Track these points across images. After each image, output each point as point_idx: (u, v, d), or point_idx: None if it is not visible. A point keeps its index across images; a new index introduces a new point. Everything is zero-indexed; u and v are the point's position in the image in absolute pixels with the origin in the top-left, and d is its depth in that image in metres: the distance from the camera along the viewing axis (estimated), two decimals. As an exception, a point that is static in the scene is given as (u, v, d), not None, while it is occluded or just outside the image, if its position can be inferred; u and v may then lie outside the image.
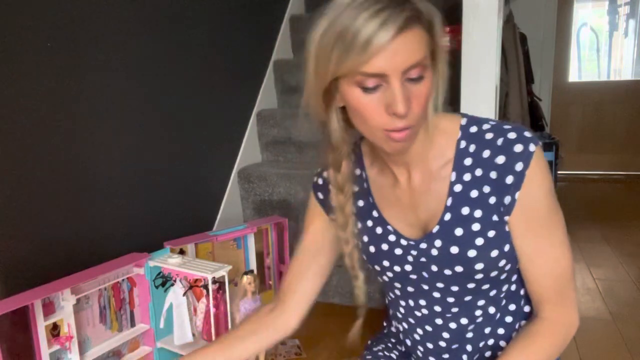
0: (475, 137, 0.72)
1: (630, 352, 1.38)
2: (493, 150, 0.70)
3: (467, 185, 0.72)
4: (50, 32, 1.16)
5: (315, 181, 0.89)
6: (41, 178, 1.16)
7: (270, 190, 1.91)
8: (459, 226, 0.72)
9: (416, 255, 0.77)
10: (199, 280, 1.25)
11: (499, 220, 0.71)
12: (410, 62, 0.60)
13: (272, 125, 2.08)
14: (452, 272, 0.74)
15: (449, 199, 0.73)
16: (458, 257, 0.72)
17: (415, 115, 0.63)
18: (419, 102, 0.63)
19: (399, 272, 0.80)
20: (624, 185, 3.67)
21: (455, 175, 0.72)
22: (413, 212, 0.77)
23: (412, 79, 0.61)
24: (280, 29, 2.34)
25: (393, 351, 0.95)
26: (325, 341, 1.45)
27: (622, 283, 1.87)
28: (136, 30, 1.42)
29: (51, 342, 1.07)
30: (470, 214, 0.72)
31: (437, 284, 0.77)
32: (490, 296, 0.77)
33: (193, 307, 1.31)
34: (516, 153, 0.68)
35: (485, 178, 0.70)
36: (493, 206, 0.71)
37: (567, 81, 3.93)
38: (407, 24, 0.58)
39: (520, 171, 0.68)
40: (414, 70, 0.60)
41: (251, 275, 1.25)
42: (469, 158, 0.72)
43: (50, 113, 1.17)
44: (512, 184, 0.68)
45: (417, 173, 0.75)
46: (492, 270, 0.73)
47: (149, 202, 1.50)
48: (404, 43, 0.59)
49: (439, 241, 0.74)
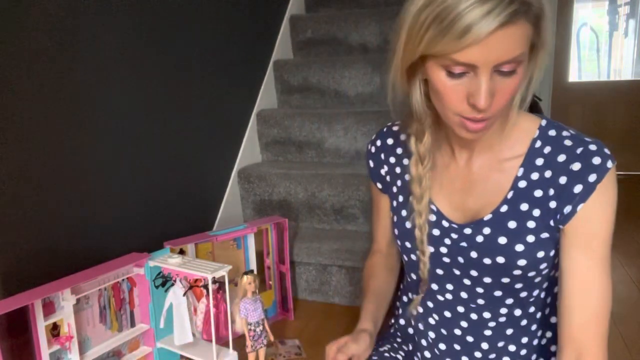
0: (553, 140, 0.71)
1: (630, 352, 1.38)
2: (570, 157, 0.68)
3: (532, 183, 0.71)
4: (50, 32, 1.16)
5: (369, 149, 0.90)
6: (41, 178, 1.16)
7: (270, 190, 1.91)
8: (513, 219, 0.71)
9: (456, 239, 0.76)
10: (199, 280, 1.25)
11: (554, 226, 0.70)
12: (505, 58, 0.57)
13: (272, 125, 2.08)
14: (491, 262, 0.72)
15: (511, 192, 0.72)
16: (504, 248, 0.71)
17: (496, 108, 0.62)
18: (504, 95, 0.61)
19: (432, 252, 0.78)
20: (624, 185, 3.66)
21: (522, 171, 0.72)
22: (462, 196, 0.76)
23: (503, 72, 0.59)
24: (280, 29, 2.34)
25: (399, 351, 0.94)
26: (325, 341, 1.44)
27: (622, 283, 1.87)
28: (136, 29, 1.42)
29: (51, 342, 1.07)
30: (528, 210, 0.71)
31: (470, 272, 0.75)
32: (520, 297, 0.75)
33: (193, 307, 1.31)
34: (593, 164, 0.67)
35: (552, 181, 0.69)
36: (552, 210, 0.69)
37: (567, 81, 3.93)
38: (512, 18, 0.55)
39: (592, 183, 0.66)
40: (507, 65, 0.58)
41: (251, 275, 1.25)
42: (541, 159, 0.71)
43: (50, 113, 1.17)
44: (579, 193, 0.67)
45: (480, 160, 0.75)
46: (532, 270, 0.71)
47: (149, 202, 1.50)
48: (504, 37, 0.55)
49: (488, 229, 0.73)
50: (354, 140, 1.96)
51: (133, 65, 1.42)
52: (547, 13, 0.59)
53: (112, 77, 1.34)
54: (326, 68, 2.17)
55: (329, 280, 1.71)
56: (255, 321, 1.24)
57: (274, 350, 1.38)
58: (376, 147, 0.88)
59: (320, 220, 1.87)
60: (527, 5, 0.56)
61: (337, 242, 1.69)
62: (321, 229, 1.86)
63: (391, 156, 0.87)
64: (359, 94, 2.14)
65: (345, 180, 1.78)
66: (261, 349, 1.26)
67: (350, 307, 1.66)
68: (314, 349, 1.40)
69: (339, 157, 2.01)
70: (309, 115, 2.02)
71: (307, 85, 2.23)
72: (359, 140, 1.95)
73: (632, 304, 1.69)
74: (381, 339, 1.00)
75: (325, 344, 0.85)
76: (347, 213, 1.81)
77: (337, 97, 2.19)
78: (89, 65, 1.27)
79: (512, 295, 0.75)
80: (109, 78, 1.33)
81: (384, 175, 0.88)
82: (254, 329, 1.24)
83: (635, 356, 1.36)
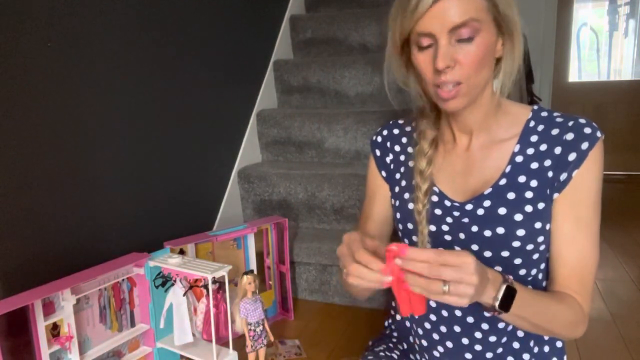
0: (546, 119, 0.78)
1: (630, 352, 1.38)
2: (563, 129, 0.75)
3: (529, 157, 0.77)
4: (51, 32, 1.16)
5: (375, 139, 0.95)
6: (41, 178, 1.16)
7: (270, 190, 1.91)
8: (512, 190, 0.76)
9: (458, 216, 0.79)
10: (199, 280, 1.25)
11: (550, 196, 0.75)
12: (455, 21, 0.66)
13: (272, 125, 2.08)
14: (492, 234, 0.76)
15: (508, 166, 0.77)
16: (504, 218, 0.75)
17: (462, 72, 0.69)
18: (468, 60, 0.68)
19: (434, 231, 0.82)
20: (624, 185, 3.67)
21: (519, 147, 0.78)
22: (463, 177, 0.81)
23: (462, 39, 0.67)
24: (280, 29, 2.34)
25: (394, 351, 0.95)
26: (325, 341, 1.45)
27: (622, 283, 1.86)
28: (136, 30, 1.42)
29: (51, 342, 1.07)
30: (526, 182, 0.76)
31: (471, 247, 0.78)
32: (519, 275, 0.78)
33: (193, 307, 1.31)
34: (585, 133, 0.73)
35: (548, 152, 0.75)
36: (549, 180, 0.75)
37: (567, 81, 3.93)
38: None
39: (584, 150, 0.72)
40: (463, 30, 0.66)
41: (251, 275, 1.25)
42: (535, 135, 0.77)
43: (49, 113, 1.17)
44: (573, 160, 0.73)
45: (479, 140, 0.80)
46: (530, 242, 0.75)
47: (149, 202, 1.50)
48: (452, 4, 0.65)
49: (488, 202, 0.77)
50: (354, 140, 1.96)
51: (132, 65, 1.42)
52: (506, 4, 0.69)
53: (111, 77, 1.34)
54: (326, 68, 2.17)
55: (329, 280, 1.71)
56: (255, 321, 1.24)
57: (274, 350, 1.38)
58: (382, 137, 0.93)
59: (320, 220, 1.87)
60: None
61: (337, 242, 1.67)
62: (321, 229, 1.86)
63: (396, 144, 0.91)
64: (359, 94, 2.14)
65: (345, 180, 1.78)
66: (261, 349, 1.26)
67: (350, 307, 1.66)
68: (314, 349, 1.40)
69: (339, 157, 2.01)
70: (309, 115, 2.02)
71: (307, 85, 2.23)
72: (359, 140, 1.95)
73: (632, 304, 1.69)
74: (376, 339, 1.01)
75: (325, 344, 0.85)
76: (347, 213, 1.81)
77: (337, 97, 2.19)
78: (88, 65, 1.27)
79: (512, 273, 0.78)
80: (109, 78, 1.33)
81: (389, 163, 0.92)
82: (254, 329, 1.24)
83: (635, 356, 1.36)
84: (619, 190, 3.49)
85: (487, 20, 0.68)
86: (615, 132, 3.88)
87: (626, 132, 3.86)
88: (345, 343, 1.43)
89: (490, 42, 0.69)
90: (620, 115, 3.86)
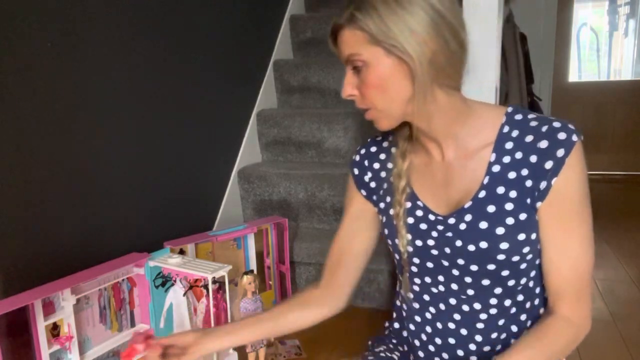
0: (520, 123, 0.75)
1: (630, 352, 1.38)
2: (536, 136, 0.72)
3: (505, 166, 0.74)
4: (51, 32, 1.16)
5: (353, 158, 0.93)
6: (41, 178, 1.16)
7: (270, 190, 1.91)
8: (492, 203, 0.74)
9: (442, 230, 0.78)
10: (199, 280, 1.25)
11: (531, 205, 0.73)
12: (344, 54, 0.71)
13: (272, 125, 2.08)
14: (475, 248, 0.75)
15: (486, 177, 0.75)
16: (485, 232, 0.74)
17: (364, 100, 0.72)
18: (363, 90, 0.71)
19: (420, 246, 0.81)
20: (624, 185, 3.67)
21: (495, 156, 0.75)
22: (445, 189, 0.79)
23: (355, 67, 0.71)
24: (280, 29, 2.34)
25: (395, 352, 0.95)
26: (325, 341, 1.45)
27: (622, 283, 1.87)
28: (136, 30, 1.42)
29: (51, 342, 1.07)
30: (505, 193, 0.74)
31: (457, 261, 0.77)
32: (508, 286, 0.77)
33: (193, 307, 1.31)
34: (560, 140, 0.70)
35: (524, 161, 0.73)
36: (528, 189, 0.72)
37: (567, 81, 3.93)
38: (337, 28, 0.71)
39: (560, 157, 0.70)
40: (354, 61, 0.70)
41: (251, 275, 1.25)
42: (511, 142, 0.75)
43: (49, 113, 1.17)
44: (550, 169, 0.70)
45: (450, 150, 0.78)
46: (515, 254, 0.74)
47: (149, 202, 1.50)
48: (341, 39, 0.71)
49: (470, 216, 0.75)
50: (354, 140, 1.96)
51: (132, 66, 1.42)
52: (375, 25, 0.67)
53: (112, 78, 1.34)
54: (326, 68, 2.17)
55: (329, 280, 1.71)
56: (255, 321, 1.24)
57: (274, 350, 1.38)
58: (360, 155, 0.92)
59: (320, 220, 1.87)
60: (352, 16, 0.68)
61: (337, 242, 1.68)
62: (321, 229, 1.86)
63: (375, 162, 0.90)
64: (359, 94, 2.14)
65: (345, 180, 1.78)
66: (261, 349, 1.26)
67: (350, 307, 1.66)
68: (314, 349, 1.40)
69: (339, 157, 2.01)
70: (309, 115, 2.02)
71: (307, 85, 2.23)
72: (359, 140, 1.95)
73: (632, 304, 1.69)
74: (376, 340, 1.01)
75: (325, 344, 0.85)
76: (347, 213, 1.81)
77: (337, 97, 2.19)
78: (88, 66, 1.27)
79: (500, 284, 0.77)
80: (109, 78, 1.33)
81: (368, 181, 0.90)
82: (254, 329, 1.24)
83: (635, 356, 1.36)
84: (619, 190, 3.49)
85: (372, 51, 0.68)
86: (615, 132, 3.89)
87: (626, 132, 3.86)
88: (345, 343, 1.43)
89: (383, 70, 0.69)
90: (620, 115, 3.86)
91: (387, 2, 0.67)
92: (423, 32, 0.66)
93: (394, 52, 0.68)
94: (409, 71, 0.68)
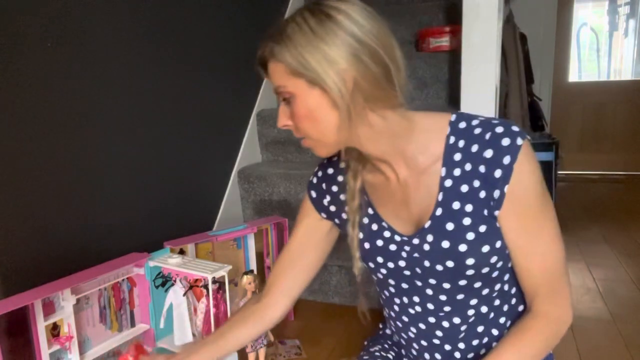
0: (464, 132, 0.73)
1: (630, 352, 1.38)
2: (481, 145, 0.71)
3: (457, 180, 0.73)
4: (51, 33, 1.16)
5: (311, 180, 0.92)
6: (41, 178, 1.16)
7: (270, 190, 1.91)
8: (450, 221, 0.73)
9: (409, 250, 0.78)
10: (199, 280, 1.25)
11: (489, 215, 0.72)
12: (273, 86, 0.71)
13: (272, 125, 2.08)
14: (443, 268, 0.75)
15: (440, 194, 0.74)
16: (449, 251, 0.73)
17: (298, 130, 0.72)
18: (294, 120, 0.71)
19: (393, 268, 0.81)
20: (624, 185, 3.67)
21: (445, 170, 0.74)
22: (406, 207, 0.78)
23: (284, 99, 0.71)
24: (280, 29, 2.34)
25: (390, 352, 0.96)
26: (325, 341, 1.45)
27: (622, 283, 1.87)
28: (137, 30, 1.42)
29: (51, 342, 1.07)
30: (461, 208, 0.73)
31: (429, 280, 0.78)
32: (483, 295, 0.78)
33: (193, 307, 1.31)
34: (504, 147, 0.69)
35: (474, 172, 0.71)
36: (483, 200, 0.71)
37: (567, 81, 3.93)
38: (262, 61, 0.73)
39: (507, 165, 0.68)
40: (281, 93, 0.70)
41: (251, 275, 1.25)
42: (458, 153, 0.73)
43: (49, 113, 1.17)
44: (500, 177, 0.69)
45: (402, 168, 0.76)
46: (483, 266, 0.73)
47: (149, 202, 1.50)
48: (269, 71, 0.72)
49: (431, 236, 0.75)
50: (354, 140, 1.96)
51: (133, 66, 1.42)
52: (292, 57, 0.67)
53: (112, 77, 1.34)
54: (326, 68, 2.17)
55: (328, 280, 1.71)
56: (255, 321, 1.24)
57: (274, 350, 1.38)
58: (317, 178, 0.90)
59: (320, 220, 1.87)
60: (270, 52, 0.70)
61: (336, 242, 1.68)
62: (321, 229, 1.86)
63: (333, 185, 0.88)
64: (359, 94, 2.14)
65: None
66: (261, 349, 1.26)
67: (350, 306, 1.66)
68: (314, 349, 1.41)
69: (339, 157, 2.01)
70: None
71: (307, 85, 2.23)
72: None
73: (632, 304, 1.69)
74: (372, 340, 1.02)
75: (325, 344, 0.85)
76: (347, 213, 1.81)
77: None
78: (88, 66, 1.27)
79: (475, 295, 0.78)
80: (109, 79, 1.33)
81: (327, 205, 0.89)
82: (254, 329, 1.24)
83: (635, 356, 1.36)
84: (619, 190, 3.49)
85: (296, 83, 0.67)
86: (615, 132, 3.89)
87: (626, 132, 3.86)
88: (345, 343, 1.44)
89: (310, 101, 0.67)
90: (620, 115, 3.86)
91: (304, 33, 0.66)
92: (342, 61, 0.65)
93: (316, 83, 0.66)
94: (334, 101, 0.67)
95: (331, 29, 0.65)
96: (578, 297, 1.76)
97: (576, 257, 2.15)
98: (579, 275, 1.96)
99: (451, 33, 2.06)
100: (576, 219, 2.72)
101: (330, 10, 0.66)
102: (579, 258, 2.14)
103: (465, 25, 1.50)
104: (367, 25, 0.66)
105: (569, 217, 2.76)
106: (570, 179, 3.85)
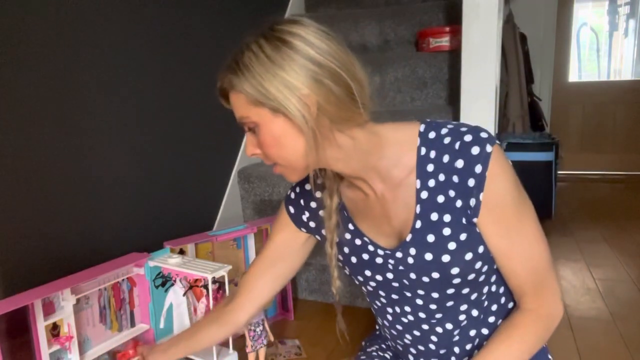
0: (434, 142, 0.72)
1: (630, 352, 1.38)
2: (452, 155, 0.70)
3: (432, 191, 0.73)
4: (51, 33, 1.16)
5: (289, 195, 0.92)
6: (41, 178, 1.16)
7: (270, 190, 1.91)
8: (430, 232, 0.73)
9: (394, 264, 0.78)
10: (199, 280, 1.25)
11: (468, 223, 0.72)
12: (237, 116, 0.69)
13: (272, 125, 2.07)
14: (429, 279, 0.75)
15: (417, 206, 0.74)
16: (433, 263, 0.73)
17: (266, 157, 0.71)
18: (262, 148, 0.70)
19: (381, 280, 0.81)
20: (624, 185, 3.67)
21: (419, 182, 0.73)
22: (387, 221, 0.78)
23: (249, 129, 0.70)
24: (280, 29, 2.34)
25: (387, 352, 0.96)
26: (325, 341, 1.45)
27: (622, 283, 1.87)
28: (138, 31, 1.42)
29: (51, 342, 1.07)
30: (439, 219, 0.72)
31: (418, 291, 0.78)
32: (472, 300, 0.78)
33: (193, 307, 1.31)
34: (474, 155, 0.68)
35: (448, 182, 0.71)
36: (460, 209, 0.71)
37: (567, 81, 3.93)
38: (223, 93, 0.70)
39: (480, 173, 0.68)
40: (245, 123, 0.69)
41: (251, 275, 1.25)
42: (431, 164, 0.72)
43: (49, 113, 1.17)
44: (474, 186, 0.69)
45: (378, 184, 0.76)
46: (469, 273, 0.74)
47: (149, 202, 1.50)
48: (231, 103, 0.70)
49: (414, 249, 0.75)
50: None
51: (133, 66, 1.42)
52: (251, 88, 0.65)
53: (112, 77, 1.34)
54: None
55: (329, 280, 1.70)
56: (255, 321, 1.24)
57: (274, 350, 1.38)
58: (295, 194, 0.90)
59: (320, 220, 1.87)
60: (230, 83, 0.67)
61: (337, 242, 1.68)
62: (321, 229, 1.86)
63: (312, 201, 0.87)
64: (359, 94, 2.14)
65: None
66: (261, 349, 1.26)
67: (350, 307, 1.66)
68: (314, 349, 1.41)
69: (339, 157, 2.00)
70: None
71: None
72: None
73: (632, 304, 1.69)
74: (369, 340, 1.02)
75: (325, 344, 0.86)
76: (347, 213, 1.81)
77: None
78: (88, 66, 1.27)
79: (464, 301, 0.78)
80: (109, 79, 1.33)
81: (307, 221, 0.89)
82: (254, 329, 1.24)
83: (635, 356, 1.36)
84: (619, 190, 3.49)
85: (259, 112, 0.66)
86: (615, 132, 3.89)
87: (626, 132, 3.87)
88: (345, 343, 1.43)
89: (275, 129, 0.67)
90: (620, 115, 3.86)
91: (261, 62, 0.64)
92: (302, 86, 0.63)
93: (279, 111, 0.65)
94: (299, 127, 0.66)
95: (288, 55, 0.63)
96: (578, 297, 1.76)
97: (576, 257, 2.15)
98: (579, 275, 1.96)
99: (451, 33, 2.06)
100: (576, 219, 2.72)
101: (285, 36, 0.64)
102: (579, 258, 2.14)
103: (465, 25, 1.50)
104: (324, 47, 0.65)
105: (569, 217, 2.76)
106: (570, 179, 3.85)
